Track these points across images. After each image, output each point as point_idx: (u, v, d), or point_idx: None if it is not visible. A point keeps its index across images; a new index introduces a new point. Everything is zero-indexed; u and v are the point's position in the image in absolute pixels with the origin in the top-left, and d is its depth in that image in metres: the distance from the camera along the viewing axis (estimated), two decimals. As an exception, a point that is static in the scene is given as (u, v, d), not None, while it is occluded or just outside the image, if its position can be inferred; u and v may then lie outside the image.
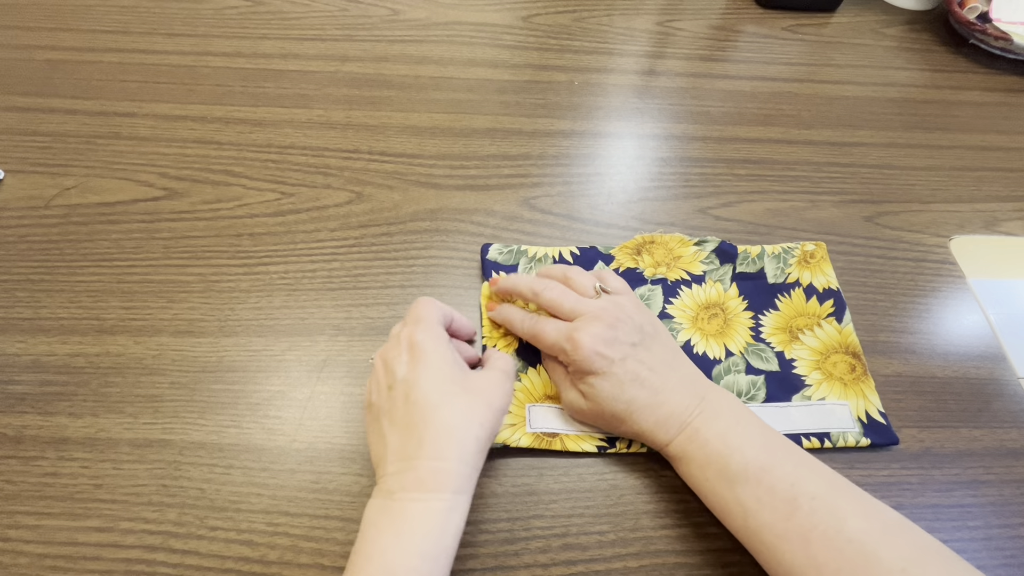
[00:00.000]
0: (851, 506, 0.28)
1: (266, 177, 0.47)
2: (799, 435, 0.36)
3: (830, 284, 0.42)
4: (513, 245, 0.44)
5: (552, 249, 0.43)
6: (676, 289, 0.42)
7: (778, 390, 0.38)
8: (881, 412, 0.37)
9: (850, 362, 0.39)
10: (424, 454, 0.27)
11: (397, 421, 0.28)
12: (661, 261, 0.43)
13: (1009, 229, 0.48)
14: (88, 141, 0.49)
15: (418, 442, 0.27)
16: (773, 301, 0.42)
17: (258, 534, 0.32)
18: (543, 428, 0.36)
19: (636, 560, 0.32)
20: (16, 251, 0.42)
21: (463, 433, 0.28)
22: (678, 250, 0.43)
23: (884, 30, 0.64)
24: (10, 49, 0.55)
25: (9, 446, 0.34)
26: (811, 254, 0.43)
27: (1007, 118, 0.56)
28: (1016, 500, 0.35)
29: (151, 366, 0.37)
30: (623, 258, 0.43)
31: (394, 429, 0.28)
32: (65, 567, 0.31)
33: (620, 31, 0.62)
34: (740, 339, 0.40)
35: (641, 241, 0.44)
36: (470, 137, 0.51)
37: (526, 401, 0.37)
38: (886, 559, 0.26)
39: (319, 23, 0.60)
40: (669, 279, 0.42)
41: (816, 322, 0.40)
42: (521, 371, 0.38)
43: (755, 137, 0.53)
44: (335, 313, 0.40)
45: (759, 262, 0.43)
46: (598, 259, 0.43)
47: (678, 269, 0.43)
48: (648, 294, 0.41)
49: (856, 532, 0.26)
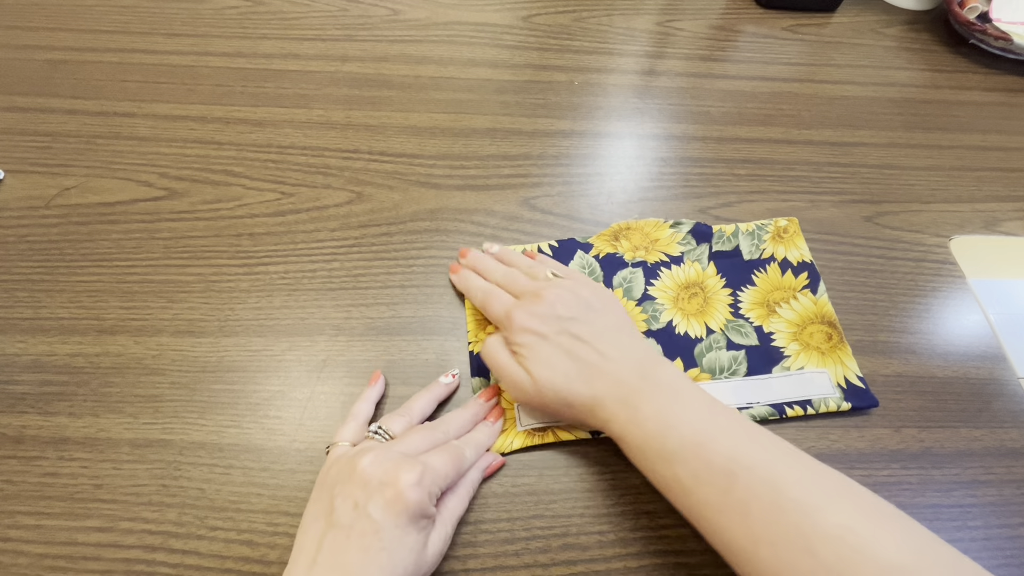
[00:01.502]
0: (791, 474, 0.27)
1: (266, 177, 0.47)
2: (782, 404, 0.37)
3: (804, 257, 0.43)
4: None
5: (530, 246, 0.44)
6: (656, 271, 0.42)
7: (759, 363, 0.38)
8: (860, 377, 0.38)
9: (826, 331, 0.40)
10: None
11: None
12: (639, 245, 0.44)
13: (1009, 229, 0.48)
14: (88, 141, 0.49)
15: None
16: (750, 277, 0.42)
17: (258, 534, 0.32)
18: (533, 424, 0.36)
19: (636, 560, 0.32)
20: (16, 251, 0.42)
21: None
22: (654, 233, 0.44)
23: (884, 30, 0.64)
24: (10, 49, 0.55)
25: (9, 446, 0.34)
26: (784, 229, 0.44)
27: (1007, 118, 0.56)
28: (1016, 500, 0.35)
29: (151, 366, 0.37)
30: (602, 245, 0.44)
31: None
32: (65, 567, 0.31)
33: (620, 31, 0.62)
34: (720, 316, 0.40)
35: (618, 228, 0.45)
36: (470, 137, 0.51)
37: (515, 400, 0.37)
38: (823, 525, 0.25)
39: (319, 23, 0.60)
40: (649, 261, 0.43)
41: (792, 295, 0.41)
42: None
43: (755, 137, 0.53)
44: (335, 313, 0.40)
45: (734, 240, 0.44)
46: (577, 248, 0.43)
47: (656, 252, 0.43)
48: (630, 276, 0.42)
49: (793, 501, 0.26)
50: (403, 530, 0.27)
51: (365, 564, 0.26)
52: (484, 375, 0.38)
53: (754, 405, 0.37)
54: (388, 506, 0.27)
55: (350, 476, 0.29)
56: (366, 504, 0.27)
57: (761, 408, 0.37)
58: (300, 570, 0.27)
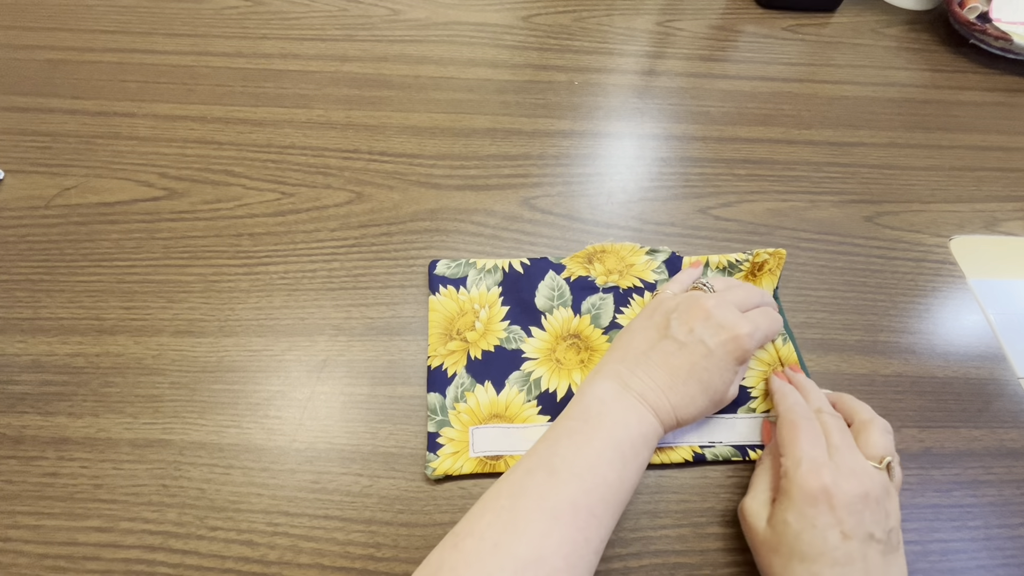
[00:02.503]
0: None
1: (266, 177, 0.47)
2: (745, 447, 0.36)
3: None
4: (461, 259, 0.42)
5: (502, 261, 0.42)
6: (627, 298, 0.41)
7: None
8: None
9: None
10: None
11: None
12: (613, 269, 0.42)
13: (1009, 229, 0.48)
14: (88, 141, 0.49)
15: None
16: None
17: (258, 534, 0.32)
18: (486, 451, 0.35)
19: (636, 560, 0.32)
20: (16, 251, 0.42)
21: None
22: (630, 258, 0.43)
23: (884, 30, 0.64)
24: (10, 49, 0.55)
25: (9, 446, 0.34)
26: (760, 266, 0.42)
27: (1007, 118, 0.56)
28: (1016, 500, 0.35)
29: (151, 366, 0.37)
30: (574, 267, 0.42)
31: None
32: (65, 567, 0.31)
33: (620, 31, 0.62)
34: None
35: (592, 251, 0.43)
36: (470, 137, 0.51)
37: (470, 423, 0.35)
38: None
39: (319, 23, 0.60)
40: (621, 287, 0.41)
41: None
42: (468, 389, 0.37)
43: (755, 137, 0.53)
44: (335, 313, 0.40)
45: (704, 274, 0.43)
46: (549, 269, 0.42)
47: (631, 276, 0.42)
48: (599, 303, 0.41)
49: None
50: (728, 364, 0.32)
51: (690, 371, 0.32)
52: (439, 390, 0.36)
53: (716, 445, 0.35)
54: (723, 345, 0.32)
55: (691, 308, 0.33)
56: (703, 333, 0.32)
57: (723, 448, 0.35)
58: (632, 355, 0.32)
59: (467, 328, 0.39)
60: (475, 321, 0.40)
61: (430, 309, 0.40)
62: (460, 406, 0.36)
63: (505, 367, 0.38)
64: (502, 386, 0.37)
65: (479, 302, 0.40)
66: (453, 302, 0.40)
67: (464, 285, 0.41)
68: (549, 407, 0.36)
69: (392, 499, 0.33)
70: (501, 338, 0.39)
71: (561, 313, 0.40)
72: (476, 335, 0.39)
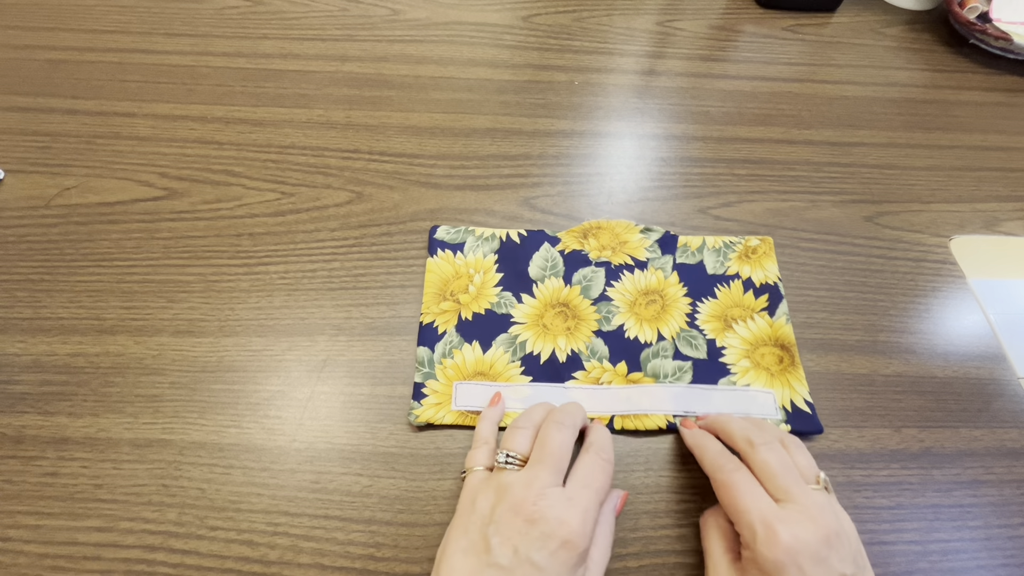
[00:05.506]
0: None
1: (266, 177, 0.47)
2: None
3: (768, 279, 0.43)
4: (461, 226, 0.44)
5: (500, 231, 0.44)
6: (619, 273, 0.42)
7: (704, 375, 0.38)
8: (808, 402, 0.37)
9: (778, 354, 0.39)
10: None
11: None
12: (607, 245, 0.44)
13: (1009, 229, 0.48)
14: (88, 141, 0.49)
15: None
16: (712, 289, 0.42)
17: (258, 534, 0.32)
18: (467, 406, 0.36)
19: (636, 560, 0.32)
20: (16, 251, 0.42)
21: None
22: (624, 235, 0.44)
23: (884, 30, 0.64)
24: (10, 49, 0.55)
25: (9, 446, 0.34)
26: (753, 249, 0.44)
27: (1007, 118, 0.56)
28: (1016, 500, 0.35)
29: (151, 366, 0.37)
30: (569, 241, 0.44)
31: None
32: (65, 567, 0.31)
33: (620, 31, 0.62)
34: (675, 323, 0.40)
35: (588, 226, 0.45)
36: (470, 137, 0.51)
37: (455, 379, 0.37)
38: None
39: (319, 23, 0.60)
40: (613, 263, 0.43)
41: (750, 314, 0.41)
42: (456, 347, 0.39)
43: (755, 137, 0.53)
44: (335, 313, 0.40)
45: (698, 255, 0.44)
46: (544, 240, 0.44)
47: (623, 253, 0.43)
48: (591, 275, 0.42)
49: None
50: (570, 569, 0.27)
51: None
52: (428, 345, 0.38)
53: (691, 415, 0.36)
54: (554, 556, 0.27)
55: (508, 518, 0.28)
56: (528, 551, 0.27)
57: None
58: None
59: (461, 291, 0.41)
60: (469, 285, 0.41)
61: (427, 270, 0.42)
62: (447, 361, 0.38)
63: (493, 329, 0.40)
64: (489, 346, 0.39)
65: (475, 267, 0.42)
66: (449, 265, 0.42)
67: (462, 251, 0.43)
68: (532, 368, 0.38)
69: (392, 499, 0.33)
70: (492, 302, 0.41)
71: (552, 283, 0.42)
72: (469, 298, 0.41)
